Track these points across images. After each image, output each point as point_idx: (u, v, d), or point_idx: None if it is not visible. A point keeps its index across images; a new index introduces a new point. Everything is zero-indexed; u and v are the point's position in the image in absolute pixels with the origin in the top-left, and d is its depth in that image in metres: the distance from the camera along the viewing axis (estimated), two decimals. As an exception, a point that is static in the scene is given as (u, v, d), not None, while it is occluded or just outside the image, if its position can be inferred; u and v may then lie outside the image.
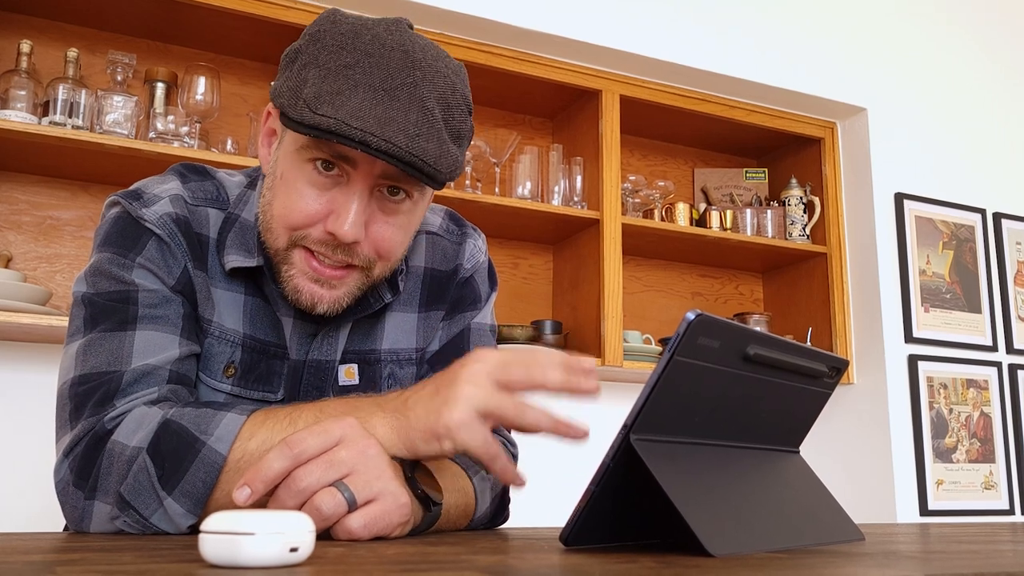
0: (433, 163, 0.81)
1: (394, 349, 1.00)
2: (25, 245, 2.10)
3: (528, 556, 0.59)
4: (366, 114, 0.77)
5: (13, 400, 2.00)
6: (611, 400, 2.68)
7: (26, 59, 2.01)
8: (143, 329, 0.85)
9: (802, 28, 2.83)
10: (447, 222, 1.08)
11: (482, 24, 2.34)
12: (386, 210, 0.86)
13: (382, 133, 0.77)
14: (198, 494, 0.75)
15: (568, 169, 2.57)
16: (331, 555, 0.55)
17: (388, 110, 0.78)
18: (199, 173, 0.97)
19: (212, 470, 0.75)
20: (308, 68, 0.81)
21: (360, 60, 0.80)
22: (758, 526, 0.64)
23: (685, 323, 0.57)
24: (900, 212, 2.83)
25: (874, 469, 2.68)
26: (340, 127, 0.77)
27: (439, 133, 0.81)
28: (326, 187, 0.84)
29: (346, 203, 0.83)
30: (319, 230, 0.85)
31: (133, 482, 0.76)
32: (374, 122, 0.77)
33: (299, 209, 0.84)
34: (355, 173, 0.83)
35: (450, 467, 0.89)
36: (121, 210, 0.90)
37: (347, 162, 0.82)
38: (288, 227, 0.86)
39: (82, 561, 0.49)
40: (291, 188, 0.85)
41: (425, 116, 0.80)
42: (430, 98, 0.81)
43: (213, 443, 0.75)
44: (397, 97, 0.79)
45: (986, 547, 0.72)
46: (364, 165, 0.82)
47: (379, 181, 0.84)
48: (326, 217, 0.84)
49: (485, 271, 1.09)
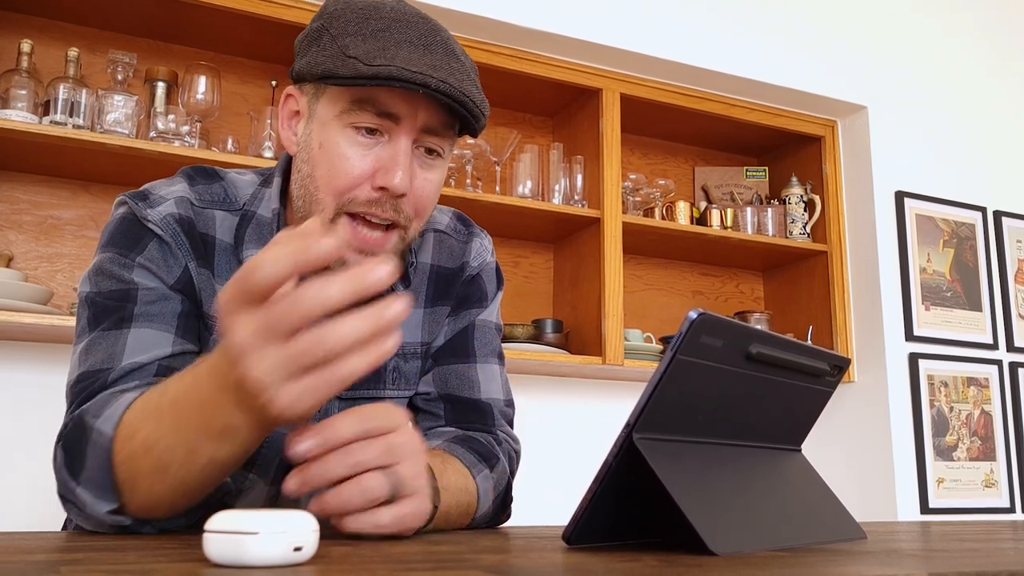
0: (479, 104, 0.87)
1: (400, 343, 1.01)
2: (26, 244, 2.10)
3: (531, 555, 0.59)
4: (418, 62, 0.83)
5: (14, 399, 2.00)
6: (612, 399, 2.69)
7: (27, 58, 2.01)
8: (138, 327, 0.86)
9: (802, 26, 2.83)
10: (454, 222, 1.10)
11: (482, 23, 2.34)
12: (424, 166, 0.90)
13: (438, 75, 0.82)
14: (99, 480, 0.73)
15: (569, 168, 2.57)
16: (335, 554, 0.55)
17: (433, 58, 0.84)
18: (208, 176, 0.98)
19: (103, 453, 0.73)
20: (342, 38, 0.85)
21: (390, 25, 0.85)
22: (760, 524, 0.64)
23: (688, 322, 0.57)
24: (901, 210, 2.83)
25: (875, 467, 2.68)
26: (402, 72, 0.81)
27: (475, 81, 0.89)
28: (370, 147, 0.87)
29: (393, 157, 0.86)
30: (365, 190, 0.87)
31: (57, 476, 0.78)
32: (428, 68, 0.83)
33: (345, 171, 0.87)
34: (398, 129, 0.86)
35: (454, 464, 0.89)
36: (127, 210, 0.92)
37: (390, 119, 0.86)
38: (335, 192, 0.87)
39: (86, 560, 0.49)
40: (333, 153, 0.87)
41: (462, 66, 0.87)
42: (459, 52, 0.88)
43: (100, 424, 0.74)
44: (435, 51, 0.85)
45: (987, 545, 0.72)
46: (407, 120, 0.86)
47: (420, 136, 0.88)
48: (372, 176, 0.87)
49: (492, 270, 1.10)
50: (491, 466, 0.96)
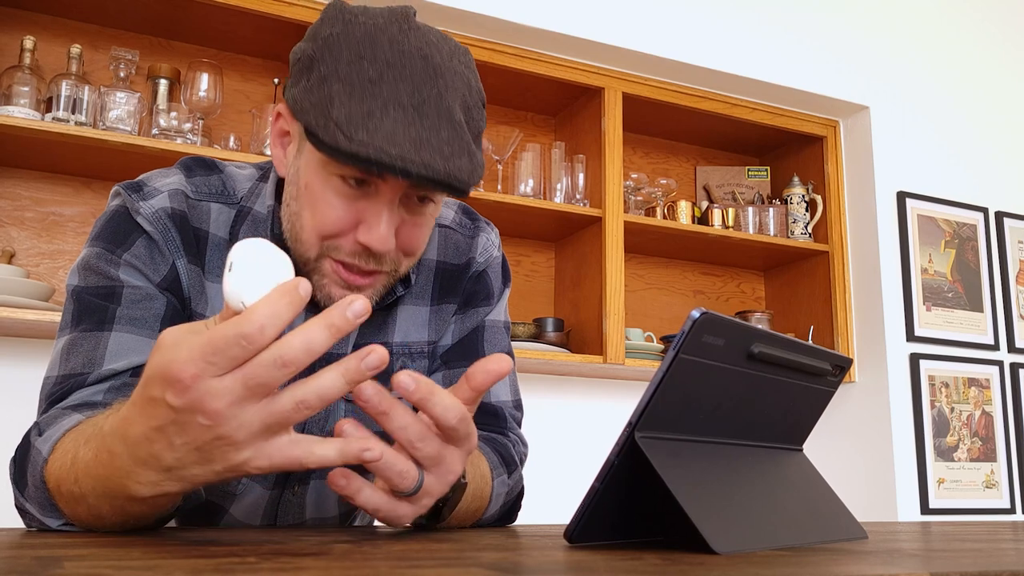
0: (467, 178, 0.81)
1: (406, 342, 1.00)
2: (28, 241, 2.10)
3: (533, 553, 0.59)
4: (401, 138, 0.77)
5: (16, 395, 2.00)
6: (614, 398, 2.69)
7: (29, 55, 2.01)
8: (119, 330, 0.85)
9: (804, 26, 2.83)
10: (460, 216, 1.07)
11: (484, 21, 2.34)
12: (413, 213, 0.86)
13: (420, 158, 0.77)
14: (39, 499, 0.73)
15: (570, 167, 2.57)
16: (338, 551, 0.55)
17: (421, 130, 0.78)
18: (206, 167, 0.97)
19: (39, 474, 0.72)
20: (330, 82, 0.80)
21: (384, 73, 0.79)
22: (762, 524, 0.64)
23: (690, 321, 0.57)
24: (902, 210, 2.83)
25: (876, 467, 2.69)
26: (380, 155, 0.76)
27: (468, 145, 0.81)
28: (355, 198, 0.83)
29: (377, 213, 0.83)
30: (349, 241, 0.84)
31: (12, 488, 0.78)
32: (410, 146, 0.77)
33: (330, 220, 0.84)
34: (383, 184, 0.82)
35: (481, 467, 0.87)
36: (120, 203, 0.91)
37: (377, 175, 0.82)
38: (319, 236, 0.85)
39: (90, 556, 0.50)
40: (318, 199, 0.84)
41: (455, 131, 0.80)
42: (455, 108, 0.81)
43: (39, 444, 0.74)
44: (427, 114, 0.79)
45: (988, 545, 0.72)
46: (393, 180, 0.81)
47: (407, 191, 0.84)
48: (356, 226, 0.84)
49: (499, 266, 1.08)
50: (509, 472, 0.95)
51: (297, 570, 0.45)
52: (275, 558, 0.50)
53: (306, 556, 0.51)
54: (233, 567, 0.45)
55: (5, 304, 1.83)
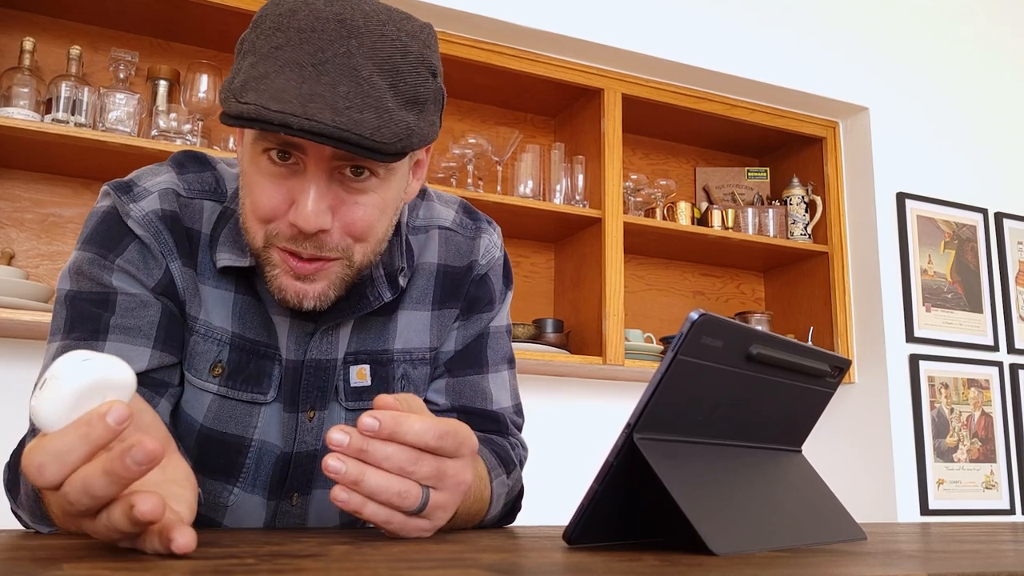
0: (370, 135, 0.74)
1: (407, 349, 0.97)
2: (27, 242, 2.10)
3: (532, 554, 0.59)
4: (289, 95, 0.73)
5: (14, 397, 2.00)
6: (613, 399, 2.69)
7: (29, 56, 2.01)
8: (113, 340, 0.84)
9: (804, 27, 2.83)
10: (461, 216, 1.05)
11: (484, 22, 2.34)
12: (351, 191, 0.81)
13: (304, 112, 0.72)
14: (31, 507, 0.72)
15: (570, 168, 2.57)
16: (336, 552, 0.55)
17: (314, 86, 0.74)
18: (199, 163, 0.95)
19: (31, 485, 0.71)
20: (245, 57, 0.79)
21: (291, 39, 0.76)
22: (761, 525, 0.64)
23: (689, 322, 0.57)
24: (902, 211, 2.83)
25: (875, 468, 2.69)
26: (260, 112, 0.73)
27: (379, 101, 0.75)
28: (284, 177, 0.80)
29: (303, 191, 0.79)
30: (285, 224, 0.81)
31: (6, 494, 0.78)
32: (297, 102, 0.73)
33: (262, 203, 0.81)
34: (307, 159, 0.79)
35: (479, 470, 0.86)
36: (110, 205, 0.89)
37: (297, 148, 0.78)
38: (259, 220, 0.82)
39: (89, 557, 0.49)
40: (253, 183, 0.82)
41: (358, 86, 0.75)
42: (366, 66, 0.75)
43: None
44: (325, 71, 0.74)
45: (987, 547, 0.72)
46: (313, 149, 0.78)
47: (335, 164, 0.79)
48: (288, 209, 0.80)
49: (500, 268, 1.06)
50: (508, 472, 0.94)
51: (296, 571, 0.45)
52: (274, 559, 0.50)
53: (305, 558, 0.51)
54: (232, 568, 0.45)
55: (4, 305, 1.83)
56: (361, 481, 0.63)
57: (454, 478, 0.67)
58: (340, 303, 0.89)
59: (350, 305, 0.92)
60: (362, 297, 0.92)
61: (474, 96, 2.64)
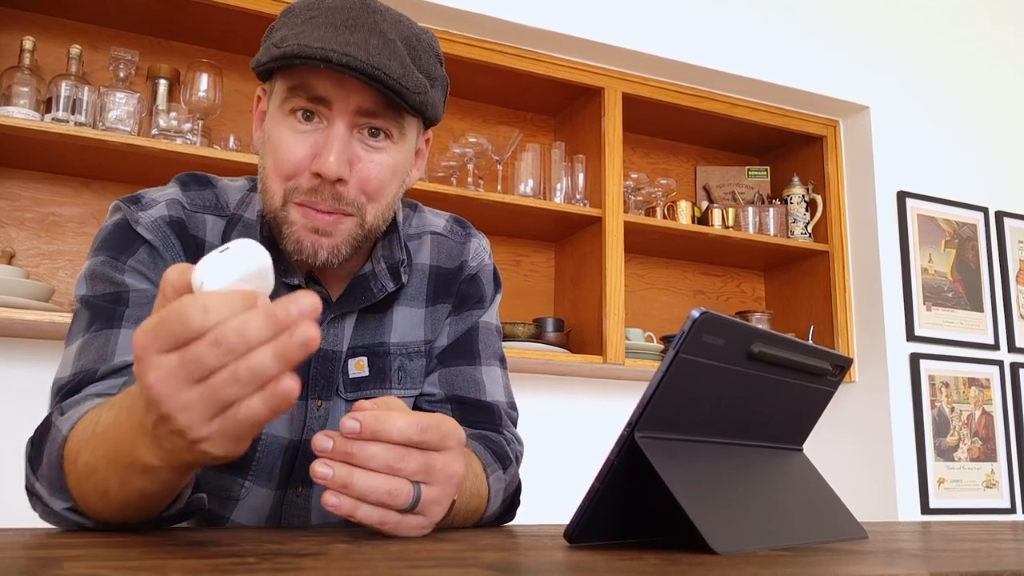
0: (398, 78, 0.84)
1: (403, 342, 1.02)
2: (27, 242, 2.10)
3: (533, 553, 0.59)
4: (329, 40, 0.83)
5: (15, 396, 2.00)
6: (614, 398, 2.69)
7: (29, 56, 2.01)
8: (127, 327, 0.87)
9: (805, 26, 2.83)
10: (451, 224, 1.12)
11: (484, 21, 2.34)
12: (368, 148, 0.89)
13: (343, 49, 0.82)
14: (51, 477, 0.73)
15: (570, 167, 2.57)
16: (336, 551, 0.55)
17: (351, 36, 0.84)
18: (200, 183, 1.00)
19: (56, 451, 0.73)
20: (280, 30, 0.89)
21: (323, 12, 0.86)
22: (762, 524, 0.64)
23: (690, 321, 0.57)
24: (902, 210, 2.83)
25: (876, 467, 2.69)
26: (303, 49, 0.82)
27: (403, 58, 0.86)
28: (308, 133, 0.88)
29: (327, 142, 0.87)
30: (306, 177, 0.87)
31: (25, 469, 0.79)
32: (337, 45, 0.82)
33: (285, 157, 0.88)
34: (332, 114, 0.87)
35: (473, 466, 0.88)
36: (120, 216, 0.94)
37: (323, 103, 0.86)
38: (280, 179, 0.89)
39: (89, 557, 0.49)
40: (276, 141, 0.89)
41: (385, 44, 0.85)
42: (391, 32, 0.86)
43: (60, 422, 0.75)
44: (358, 31, 0.84)
45: (988, 545, 0.72)
46: (339, 103, 0.86)
47: (357, 120, 0.87)
48: (311, 162, 0.87)
49: (490, 272, 1.12)
50: (504, 467, 0.96)
51: (296, 570, 0.44)
52: (274, 558, 0.50)
53: (305, 556, 0.51)
54: (232, 567, 0.45)
55: (4, 305, 1.83)
56: (350, 483, 0.64)
57: (444, 471, 0.68)
58: (345, 295, 0.97)
59: (355, 296, 0.98)
60: (367, 289, 0.99)
61: (474, 95, 2.63)
